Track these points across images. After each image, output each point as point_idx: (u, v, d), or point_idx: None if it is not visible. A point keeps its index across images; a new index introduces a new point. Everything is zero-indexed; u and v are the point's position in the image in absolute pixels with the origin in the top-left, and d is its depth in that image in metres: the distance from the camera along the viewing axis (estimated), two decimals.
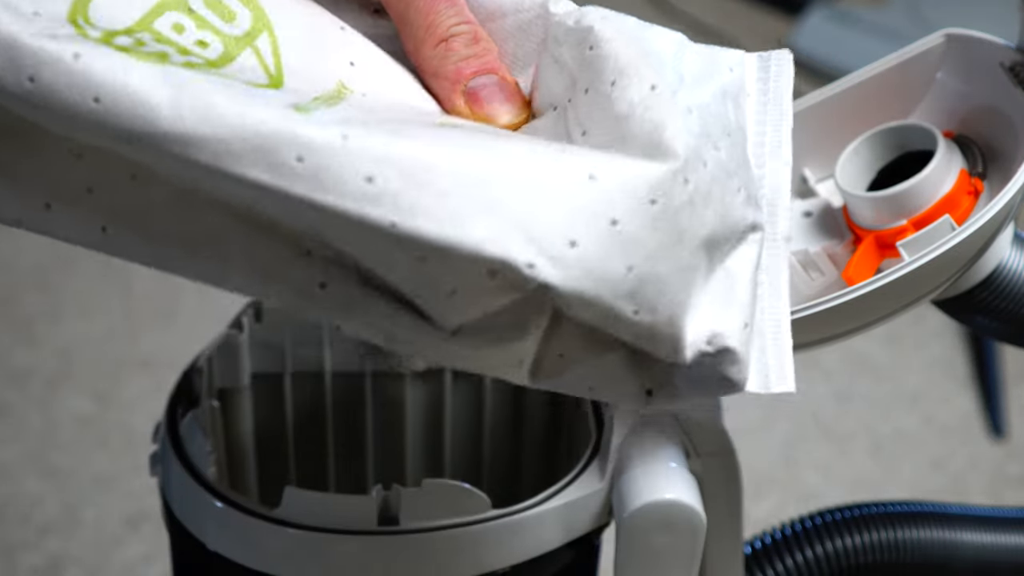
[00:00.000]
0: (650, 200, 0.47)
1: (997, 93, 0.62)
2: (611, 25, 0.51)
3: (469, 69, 0.52)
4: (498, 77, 0.53)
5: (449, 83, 0.53)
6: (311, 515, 0.57)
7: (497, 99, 0.53)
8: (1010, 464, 1.47)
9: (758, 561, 0.71)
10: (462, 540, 0.58)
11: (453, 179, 0.44)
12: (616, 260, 0.46)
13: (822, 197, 0.67)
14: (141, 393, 1.49)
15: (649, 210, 0.47)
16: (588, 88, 0.51)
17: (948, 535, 0.73)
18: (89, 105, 0.44)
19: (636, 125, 0.48)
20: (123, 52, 0.45)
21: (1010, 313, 0.65)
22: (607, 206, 0.46)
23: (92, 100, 0.44)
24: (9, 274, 1.63)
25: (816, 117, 0.65)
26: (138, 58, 0.45)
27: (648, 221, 0.46)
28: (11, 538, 1.33)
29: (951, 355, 1.60)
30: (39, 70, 0.45)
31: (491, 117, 0.52)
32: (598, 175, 0.46)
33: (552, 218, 0.45)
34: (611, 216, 0.46)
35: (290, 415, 0.72)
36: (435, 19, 0.53)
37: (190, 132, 0.44)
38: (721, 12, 2.13)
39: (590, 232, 0.45)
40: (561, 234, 0.45)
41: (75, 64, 0.45)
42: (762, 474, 1.43)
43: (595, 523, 0.61)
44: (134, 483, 1.38)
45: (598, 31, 0.51)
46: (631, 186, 0.46)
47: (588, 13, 0.52)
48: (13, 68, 0.45)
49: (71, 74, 0.44)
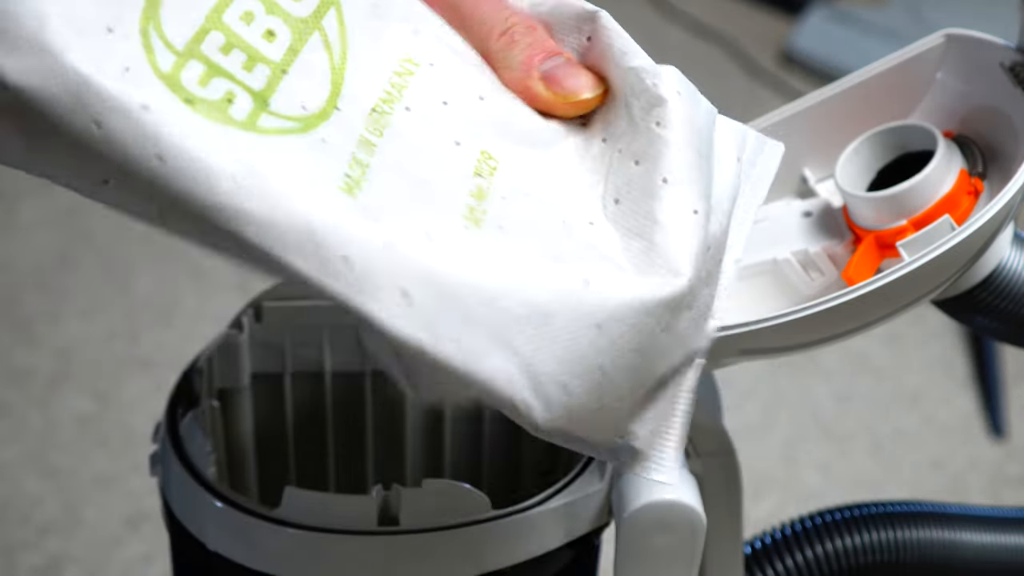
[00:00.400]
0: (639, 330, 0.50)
1: (997, 93, 0.62)
2: (682, 108, 0.52)
3: (537, 56, 0.54)
4: (564, 58, 0.54)
5: (522, 73, 0.54)
6: (311, 515, 0.57)
7: (572, 76, 0.54)
8: (1010, 464, 1.47)
9: (758, 561, 0.71)
10: (462, 540, 0.58)
11: (476, 300, 0.47)
12: (594, 401, 0.50)
13: (822, 197, 0.67)
14: (141, 393, 1.49)
15: (632, 353, 0.50)
16: (640, 162, 0.52)
17: (948, 535, 0.73)
18: (151, 162, 0.45)
19: (664, 237, 0.51)
20: (189, 105, 0.46)
21: (1010, 313, 0.65)
22: (600, 352, 0.49)
23: (155, 158, 0.45)
24: (9, 274, 1.63)
25: (816, 117, 0.65)
26: (206, 115, 0.46)
27: (630, 361, 0.50)
28: (11, 538, 1.33)
29: (951, 355, 1.60)
30: (107, 117, 0.45)
31: (573, 93, 0.54)
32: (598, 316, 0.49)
33: (554, 364, 0.49)
34: (599, 363, 0.50)
35: (290, 415, 0.72)
36: (486, 14, 0.54)
37: (245, 209, 0.45)
38: (721, 12, 2.13)
39: (583, 381, 0.49)
40: (559, 382, 0.49)
41: (142, 116, 0.45)
42: (762, 474, 1.43)
43: (595, 523, 0.61)
44: (134, 483, 1.39)
45: (670, 109, 0.52)
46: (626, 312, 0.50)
47: (665, 80, 0.53)
48: (81, 109, 0.44)
49: (138, 127, 0.45)
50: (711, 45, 2.05)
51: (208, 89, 0.46)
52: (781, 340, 0.55)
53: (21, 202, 1.73)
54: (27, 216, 1.71)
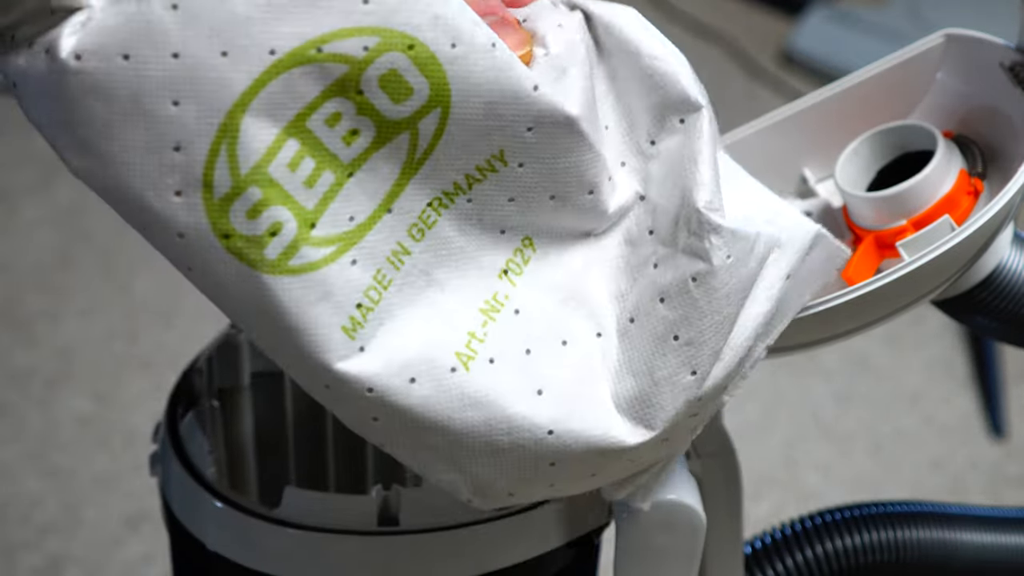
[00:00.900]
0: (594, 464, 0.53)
1: (997, 93, 0.62)
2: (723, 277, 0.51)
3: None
4: (498, 16, 0.52)
5: None
6: (311, 515, 0.57)
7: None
8: (1010, 464, 1.47)
9: (758, 561, 0.71)
10: (462, 540, 0.58)
11: (439, 437, 0.51)
12: (539, 497, 0.56)
13: (822, 197, 0.67)
14: (141, 393, 1.49)
15: (587, 477, 0.54)
16: (664, 300, 0.52)
17: (948, 535, 0.73)
18: (184, 271, 0.49)
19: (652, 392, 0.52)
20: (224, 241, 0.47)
21: (1010, 313, 0.65)
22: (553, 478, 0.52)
23: (187, 268, 0.48)
24: (9, 274, 1.63)
25: (816, 117, 0.65)
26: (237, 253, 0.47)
27: (583, 480, 0.54)
28: (11, 538, 1.33)
29: (951, 355, 1.60)
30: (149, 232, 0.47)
31: None
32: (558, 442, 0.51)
33: (503, 483, 0.52)
34: (550, 483, 0.53)
35: (290, 415, 0.72)
36: None
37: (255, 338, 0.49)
38: (721, 12, 2.13)
39: (530, 492, 0.53)
40: (505, 491, 0.53)
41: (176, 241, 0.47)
42: (762, 474, 1.43)
43: (595, 523, 0.61)
44: (134, 483, 1.39)
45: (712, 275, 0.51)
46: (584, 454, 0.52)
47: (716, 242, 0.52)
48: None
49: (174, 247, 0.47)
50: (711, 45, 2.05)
51: (256, 223, 0.47)
52: (781, 340, 0.55)
53: (21, 202, 1.73)
54: (27, 216, 1.71)
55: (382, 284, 0.49)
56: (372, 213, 0.49)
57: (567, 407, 0.51)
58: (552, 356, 0.52)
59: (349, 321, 0.48)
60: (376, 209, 0.49)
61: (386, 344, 0.49)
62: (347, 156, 0.48)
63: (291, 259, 0.47)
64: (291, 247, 0.47)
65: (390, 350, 0.49)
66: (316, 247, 0.47)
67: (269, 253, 0.47)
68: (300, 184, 0.47)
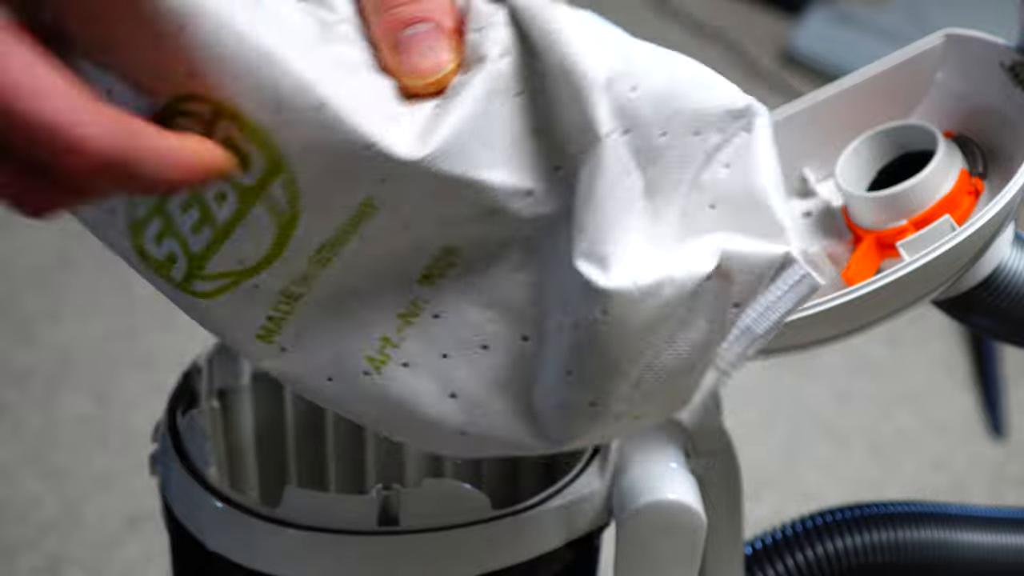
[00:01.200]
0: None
1: (997, 93, 0.62)
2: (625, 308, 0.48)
3: (404, 18, 0.46)
4: (434, 23, 0.46)
5: (379, 33, 0.46)
6: (311, 515, 0.57)
7: (421, 47, 0.46)
8: (1010, 464, 1.47)
9: (758, 561, 0.71)
10: (462, 540, 0.58)
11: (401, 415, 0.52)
12: None
13: (822, 197, 0.67)
14: (141, 393, 1.49)
15: None
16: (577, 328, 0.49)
17: (948, 535, 0.73)
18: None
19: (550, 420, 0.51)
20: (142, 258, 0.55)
21: (1010, 313, 0.65)
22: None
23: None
24: (9, 274, 1.63)
25: (816, 117, 0.65)
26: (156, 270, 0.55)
27: None
28: (11, 538, 1.33)
29: (951, 355, 1.60)
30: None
31: (419, 72, 0.46)
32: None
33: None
34: None
35: (290, 415, 0.72)
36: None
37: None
38: (721, 12, 2.13)
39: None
40: None
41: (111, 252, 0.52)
42: (762, 474, 1.43)
43: (595, 523, 0.61)
44: (134, 483, 1.38)
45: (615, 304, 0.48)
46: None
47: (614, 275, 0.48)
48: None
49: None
50: (711, 45, 2.05)
51: (159, 248, 0.52)
52: (780, 340, 0.55)
53: None
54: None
55: (292, 298, 0.50)
56: (261, 260, 0.49)
57: (480, 411, 0.51)
58: (470, 360, 0.51)
59: (263, 330, 0.51)
60: (263, 259, 0.49)
61: (305, 346, 0.51)
62: (221, 218, 0.49)
63: (192, 285, 0.51)
64: (186, 278, 0.51)
65: (309, 351, 0.51)
66: (207, 281, 0.51)
67: (176, 275, 0.52)
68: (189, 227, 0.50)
